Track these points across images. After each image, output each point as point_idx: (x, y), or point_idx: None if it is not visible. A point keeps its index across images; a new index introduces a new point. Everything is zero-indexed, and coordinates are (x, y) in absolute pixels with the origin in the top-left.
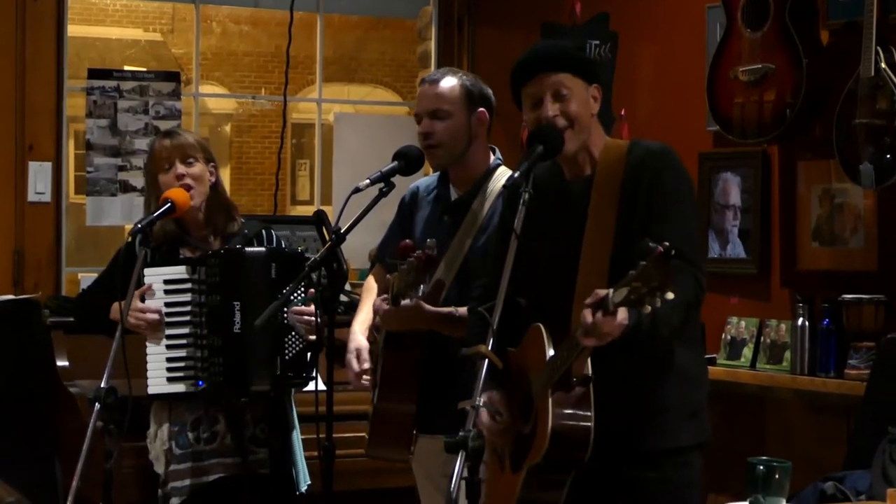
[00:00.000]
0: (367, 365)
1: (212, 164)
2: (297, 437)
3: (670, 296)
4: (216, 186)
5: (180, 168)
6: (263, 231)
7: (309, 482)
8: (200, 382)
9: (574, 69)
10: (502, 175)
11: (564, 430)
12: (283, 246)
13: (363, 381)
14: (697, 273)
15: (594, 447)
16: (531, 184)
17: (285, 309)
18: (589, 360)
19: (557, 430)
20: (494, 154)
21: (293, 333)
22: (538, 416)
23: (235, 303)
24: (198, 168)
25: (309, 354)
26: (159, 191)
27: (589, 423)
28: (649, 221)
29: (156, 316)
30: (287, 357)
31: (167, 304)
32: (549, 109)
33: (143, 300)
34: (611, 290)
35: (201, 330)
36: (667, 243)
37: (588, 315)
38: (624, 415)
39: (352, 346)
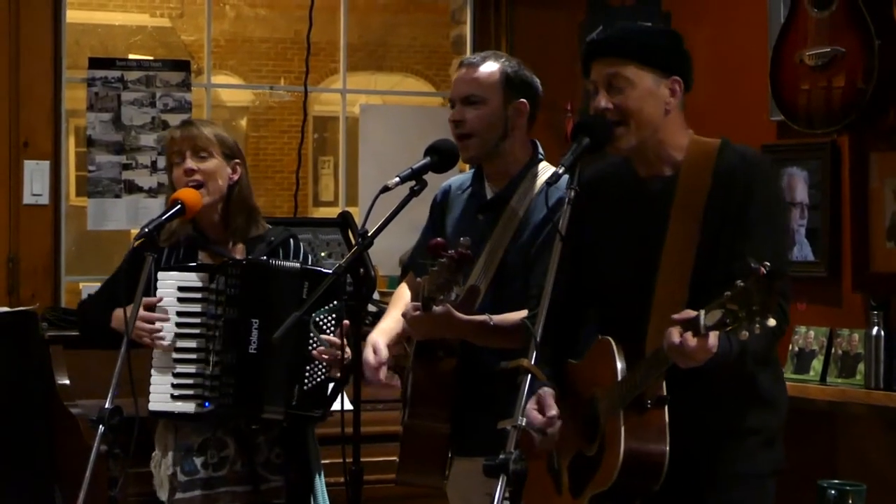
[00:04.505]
0: (384, 356)
1: (235, 160)
2: (320, 482)
3: (771, 322)
4: (236, 186)
5: (190, 162)
6: (291, 240)
7: None
8: (207, 404)
9: (641, 58)
10: (544, 170)
11: (637, 456)
12: (313, 259)
13: (380, 377)
14: (783, 301)
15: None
16: (577, 181)
17: (313, 338)
18: (664, 381)
19: (630, 457)
20: (536, 148)
21: (316, 363)
22: (606, 439)
23: (254, 320)
24: (211, 163)
25: (331, 387)
26: (173, 188)
27: (664, 449)
28: (739, 238)
29: (160, 326)
30: (306, 388)
31: (179, 314)
32: (602, 101)
33: (153, 310)
34: (702, 311)
35: (214, 345)
36: (768, 263)
37: (675, 335)
38: (698, 440)
39: (367, 343)
